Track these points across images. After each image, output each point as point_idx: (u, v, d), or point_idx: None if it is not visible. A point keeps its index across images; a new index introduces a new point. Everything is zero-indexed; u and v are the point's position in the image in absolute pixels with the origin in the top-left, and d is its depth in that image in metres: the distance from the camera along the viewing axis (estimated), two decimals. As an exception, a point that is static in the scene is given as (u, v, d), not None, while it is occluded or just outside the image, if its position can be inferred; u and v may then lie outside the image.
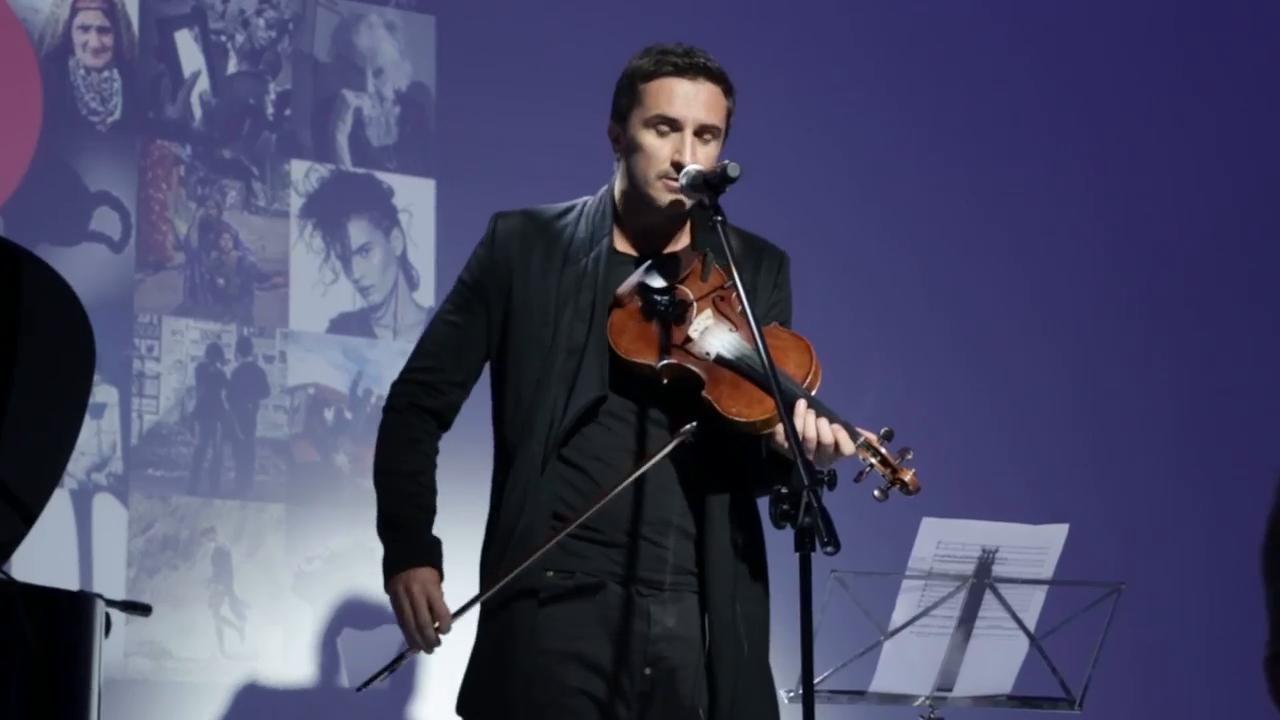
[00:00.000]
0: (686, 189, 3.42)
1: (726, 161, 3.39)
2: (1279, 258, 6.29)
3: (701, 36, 3.57)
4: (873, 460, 3.33)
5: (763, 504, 3.45)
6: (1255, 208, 6.29)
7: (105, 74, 4.96)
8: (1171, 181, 6.20)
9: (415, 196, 5.26)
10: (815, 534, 3.09)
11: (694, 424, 3.38)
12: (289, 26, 5.19)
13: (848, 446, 3.32)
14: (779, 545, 3.44)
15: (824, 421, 3.32)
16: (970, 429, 5.79)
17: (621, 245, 3.54)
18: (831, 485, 3.26)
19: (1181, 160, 6.21)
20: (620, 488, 3.38)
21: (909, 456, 3.33)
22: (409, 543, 3.50)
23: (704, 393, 3.40)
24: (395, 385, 3.60)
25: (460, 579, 3.56)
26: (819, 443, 3.30)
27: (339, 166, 5.20)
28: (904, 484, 3.32)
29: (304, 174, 5.15)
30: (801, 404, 3.33)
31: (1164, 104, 6.22)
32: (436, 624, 3.45)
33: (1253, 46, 6.35)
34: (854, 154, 5.79)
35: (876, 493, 3.33)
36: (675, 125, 3.45)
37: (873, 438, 3.35)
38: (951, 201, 5.89)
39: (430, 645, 3.46)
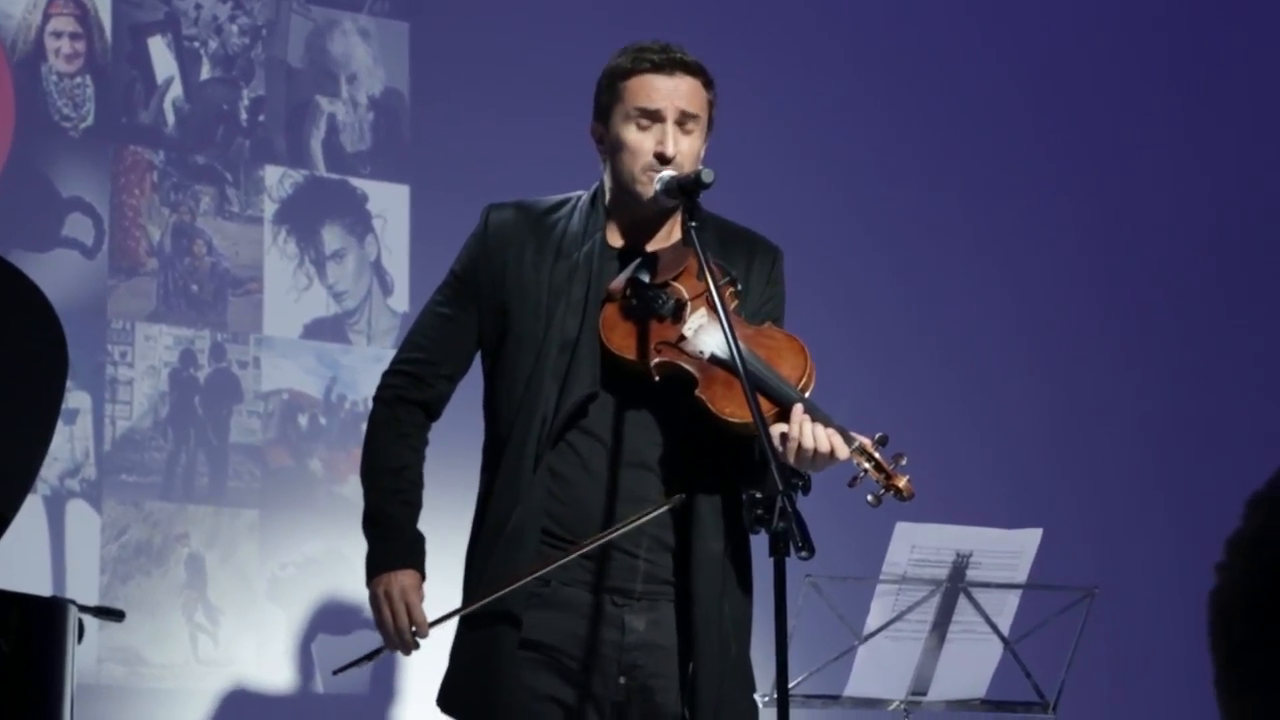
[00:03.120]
0: (661, 194, 3.42)
1: (701, 168, 3.40)
2: (1255, 266, 6.30)
3: (678, 42, 3.57)
4: (867, 466, 3.32)
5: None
6: (1232, 217, 6.30)
7: (78, 80, 4.94)
8: (1150, 189, 6.21)
9: (389, 202, 5.25)
10: (790, 539, 3.08)
11: (682, 496, 3.37)
12: (262, 33, 5.18)
13: (842, 452, 3.29)
14: (754, 550, 3.44)
15: (819, 427, 3.29)
16: (945, 433, 5.78)
17: (615, 240, 3.52)
18: (806, 490, 3.26)
19: (1161, 169, 6.22)
20: (602, 540, 3.37)
21: (903, 462, 3.31)
22: (391, 543, 3.50)
23: (697, 392, 3.37)
24: (384, 377, 3.60)
25: (448, 570, 3.56)
26: (815, 449, 3.29)
27: (313, 172, 5.18)
28: (898, 490, 3.30)
29: (278, 180, 5.13)
30: (798, 408, 3.32)
31: (1146, 112, 6.22)
32: (414, 629, 3.46)
33: (1237, 58, 6.36)
34: (832, 157, 5.79)
35: (870, 498, 3.31)
36: (656, 117, 3.45)
37: (868, 443, 3.33)
38: (928, 204, 5.90)
39: (408, 649, 3.48)
